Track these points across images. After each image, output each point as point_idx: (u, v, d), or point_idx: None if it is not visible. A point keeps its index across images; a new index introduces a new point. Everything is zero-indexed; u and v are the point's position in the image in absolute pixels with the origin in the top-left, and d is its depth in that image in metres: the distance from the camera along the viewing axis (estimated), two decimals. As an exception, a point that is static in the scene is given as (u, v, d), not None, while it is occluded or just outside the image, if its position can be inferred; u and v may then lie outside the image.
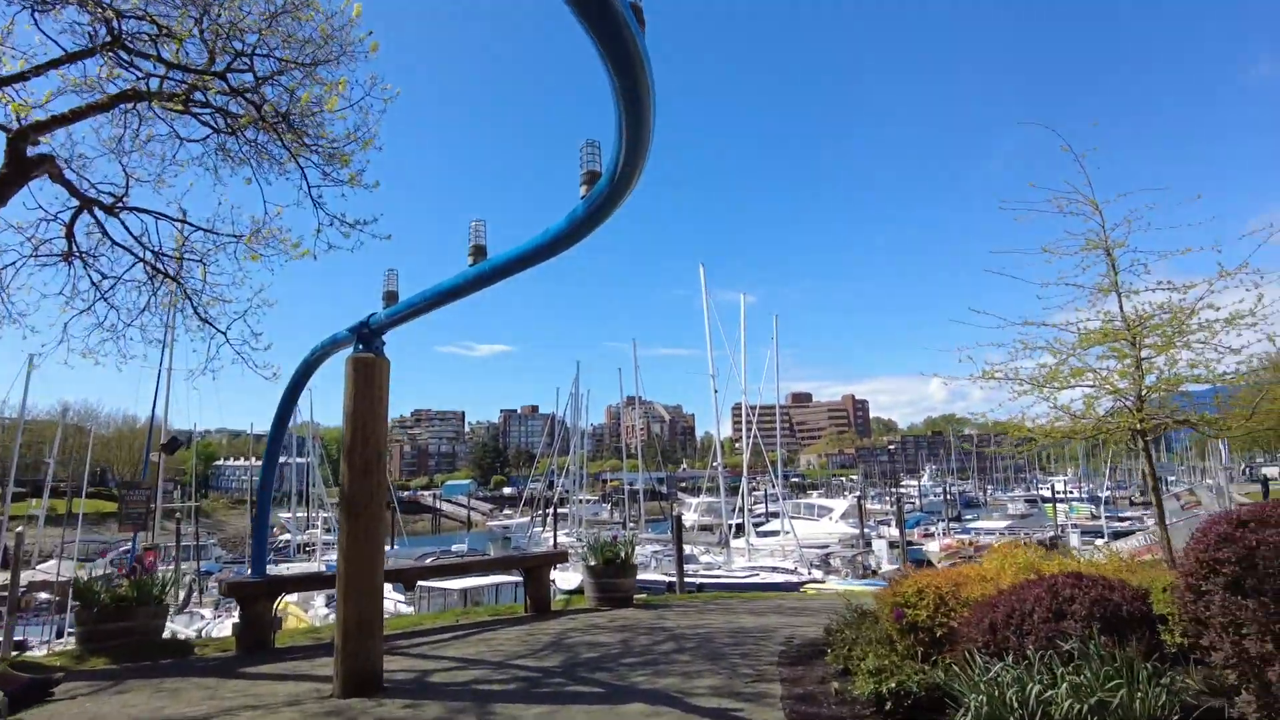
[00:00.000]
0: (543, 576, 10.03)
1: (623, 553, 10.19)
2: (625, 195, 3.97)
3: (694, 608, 9.96)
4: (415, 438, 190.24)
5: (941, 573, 6.67)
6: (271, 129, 9.30)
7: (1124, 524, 51.75)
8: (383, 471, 6.42)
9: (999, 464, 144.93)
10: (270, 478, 9.38)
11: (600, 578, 10.15)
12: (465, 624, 9.33)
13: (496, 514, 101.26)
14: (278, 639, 8.66)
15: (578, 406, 56.16)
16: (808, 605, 10.06)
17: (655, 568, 38.00)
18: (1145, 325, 7.04)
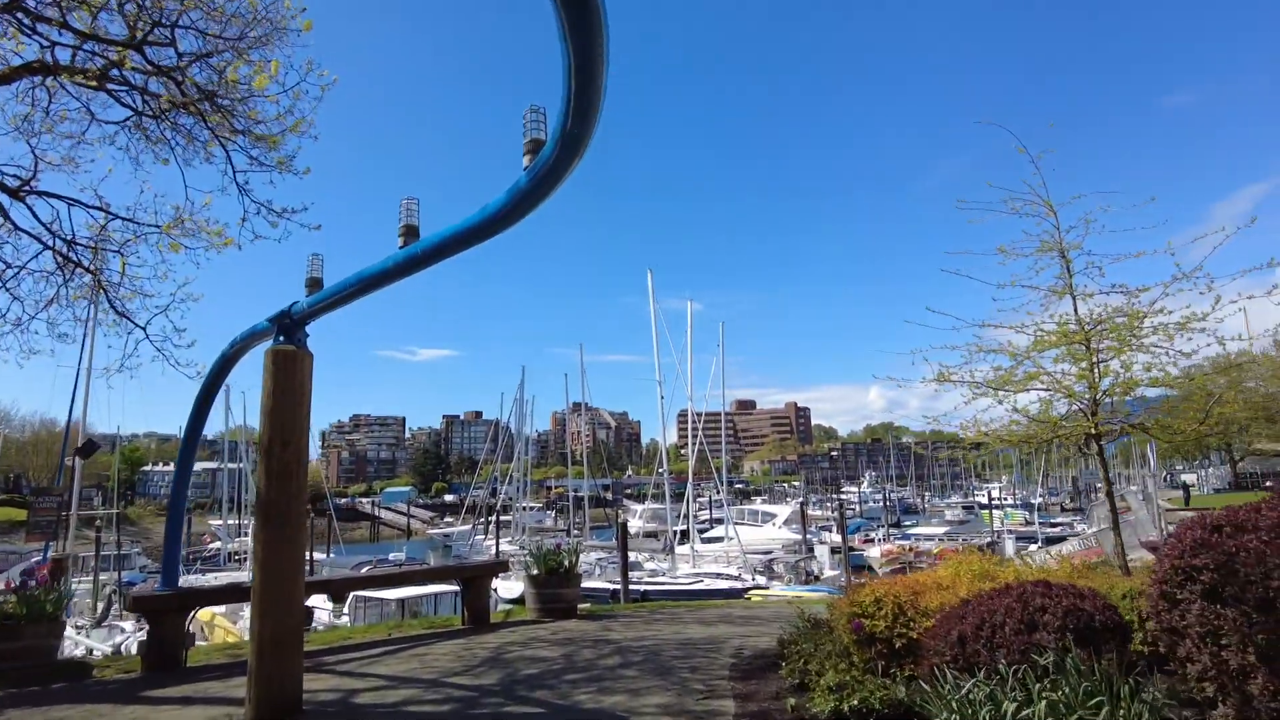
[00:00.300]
0: (482, 587, 9.56)
1: (566, 561, 9.73)
2: (573, 163, 3.58)
3: (640, 618, 9.58)
4: (354, 444, 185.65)
5: (899, 581, 6.44)
6: (195, 109, 8.66)
7: (1056, 529, 53.41)
8: (303, 475, 5.88)
9: (936, 471, 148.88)
10: (184, 484, 8.67)
11: (542, 588, 9.68)
12: (398, 638, 8.74)
13: (437, 522, 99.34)
14: (192, 657, 7.98)
15: (522, 412, 55.45)
16: (756, 614, 9.78)
17: (600, 575, 37.57)
18: (1099, 328, 6.99)
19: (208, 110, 8.59)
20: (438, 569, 9.81)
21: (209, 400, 7.93)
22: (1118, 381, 6.95)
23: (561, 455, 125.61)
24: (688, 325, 42.32)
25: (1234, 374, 7.94)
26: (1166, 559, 4.01)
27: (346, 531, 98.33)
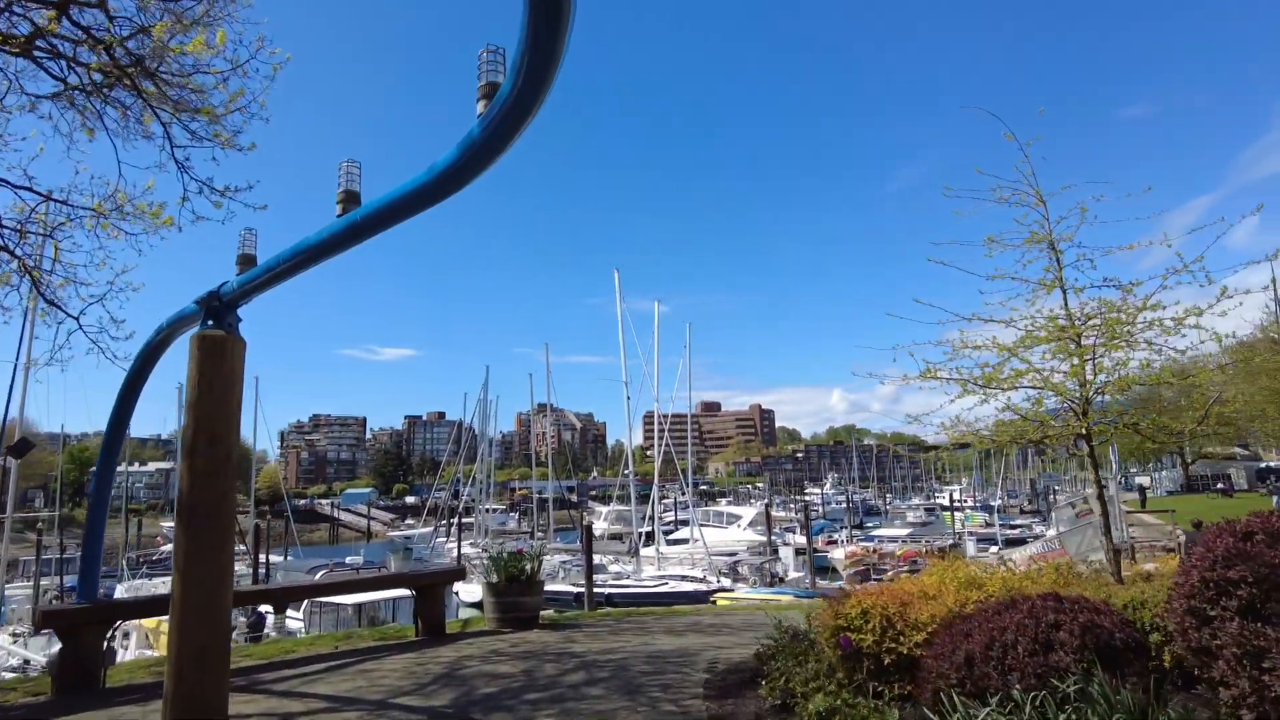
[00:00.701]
0: (437, 596, 8.91)
1: (528, 567, 9.08)
2: (534, 108, 3.04)
3: (606, 627, 9.08)
4: (313, 444, 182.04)
5: (884, 590, 6.02)
6: (126, 77, 7.94)
7: (1015, 531, 54.10)
8: (232, 474, 5.27)
9: (897, 473, 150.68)
10: (106, 486, 7.92)
11: (502, 596, 8.98)
12: (346, 651, 8.10)
13: (398, 524, 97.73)
14: (114, 675, 7.26)
15: (486, 413, 54.54)
16: (726, 622, 9.30)
17: (564, 578, 37.05)
18: (1090, 323, 6.67)
19: (139, 78, 7.89)
20: (389, 577, 9.09)
21: (133, 395, 7.23)
22: (1112, 379, 6.62)
23: (526, 456, 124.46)
24: (654, 326, 41.94)
25: (1229, 371, 7.66)
26: (1195, 570, 3.62)
27: (305, 533, 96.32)
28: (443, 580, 9.35)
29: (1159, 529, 24.60)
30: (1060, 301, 6.80)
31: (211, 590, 5.04)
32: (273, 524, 72.25)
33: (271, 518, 76.17)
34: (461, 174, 3.56)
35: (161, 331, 6.64)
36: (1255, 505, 32.22)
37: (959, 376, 6.92)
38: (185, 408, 5.22)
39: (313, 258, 4.81)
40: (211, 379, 5.22)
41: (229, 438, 5.27)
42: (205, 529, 5.07)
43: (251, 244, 5.49)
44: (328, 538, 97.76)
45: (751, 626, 8.48)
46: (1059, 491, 73.93)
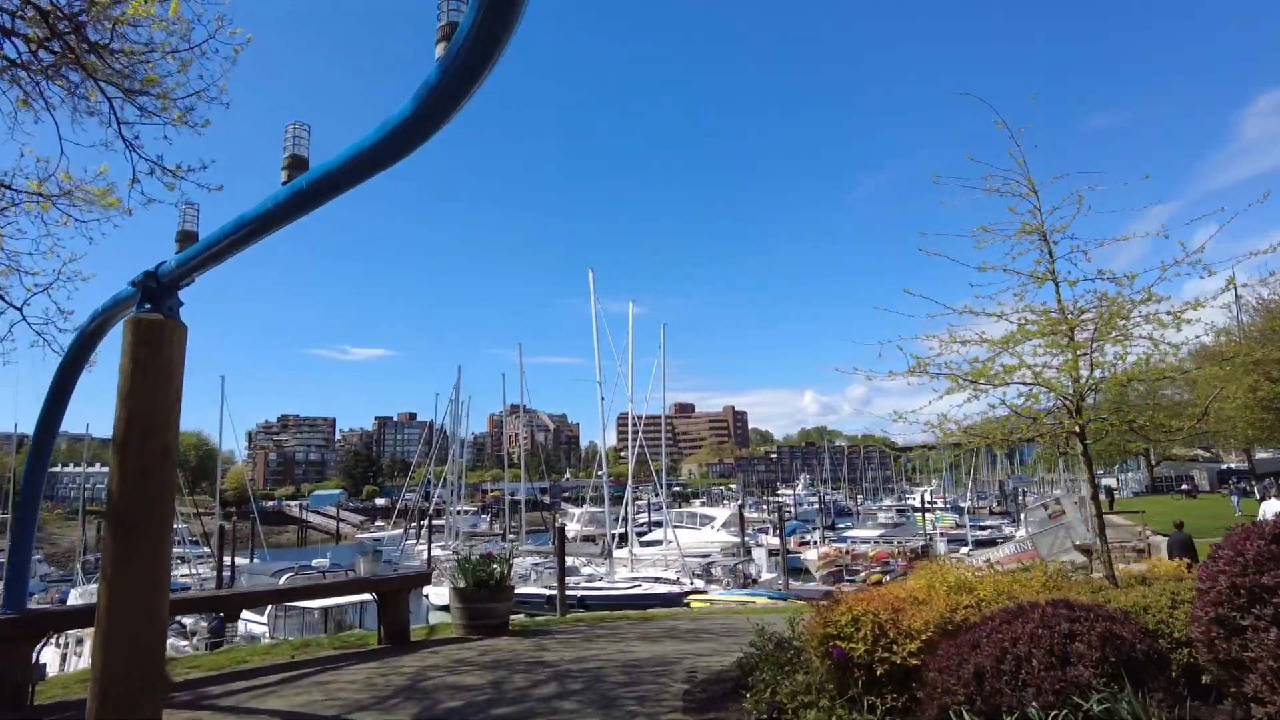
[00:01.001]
0: (401, 601, 8.36)
1: (497, 571, 8.59)
2: (500, 41, 2.63)
3: (579, 633, 8.69)
4: (282, 445, 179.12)
5: (874, 595, 5.70)
6: (70, 51, 7.39)
7: (985, 532, 54.44)
8: (169, 473, 4.79)
9: (868, 474, 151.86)
10: (36, 488, 7.32)
11: (470, 601, 8.48)
12: (303, 661, 7.62)
13: (368, 525, 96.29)
14: (44, 692, 6.72)
15: (458, 413, 53.80)
16: (704, 627, 8.96)
17: (536, 580, 36.57)
18: (1083, 317, 6.42)
19: (81, 48, 7.34)
20: (351, 581, 8.51)
21: (66, 388, 6.68)
22: (1108, 375, 6.37)
23: (498, 458, 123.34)
24: (629, 326, 41.60)
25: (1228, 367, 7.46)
26: (1222, 575, 3.33)
27: (273, 535, 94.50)
28: (408, 585, 8.73)
29: (1128, 530, 24.67)
30: (1053, 294, 6.56)
31: (142, 601, 4.57)
32: (239, 526, 70.76)
33: (238, 519, 74.65)
34: (418, 127, 3.13)
35: (97, 317, 6.13)
36: (1218, 506, 32.60)
37: (949, 372, 6.64)
38: (117, 398, 4.74)
39: (257, 230, 4.36)
40: (147, 367, 4.74)
41: (166, 433, 4.81)
42: (137, 533, 4.59)
43: (193, 220, 5.03)
44: (296, 540, 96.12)
45: (731, 632, 8.15)
46: (1028, 493, 74.70)
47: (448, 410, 54.45)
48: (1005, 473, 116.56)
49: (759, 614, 10.66)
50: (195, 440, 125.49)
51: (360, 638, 8.79)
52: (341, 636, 8.50)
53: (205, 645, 19.35)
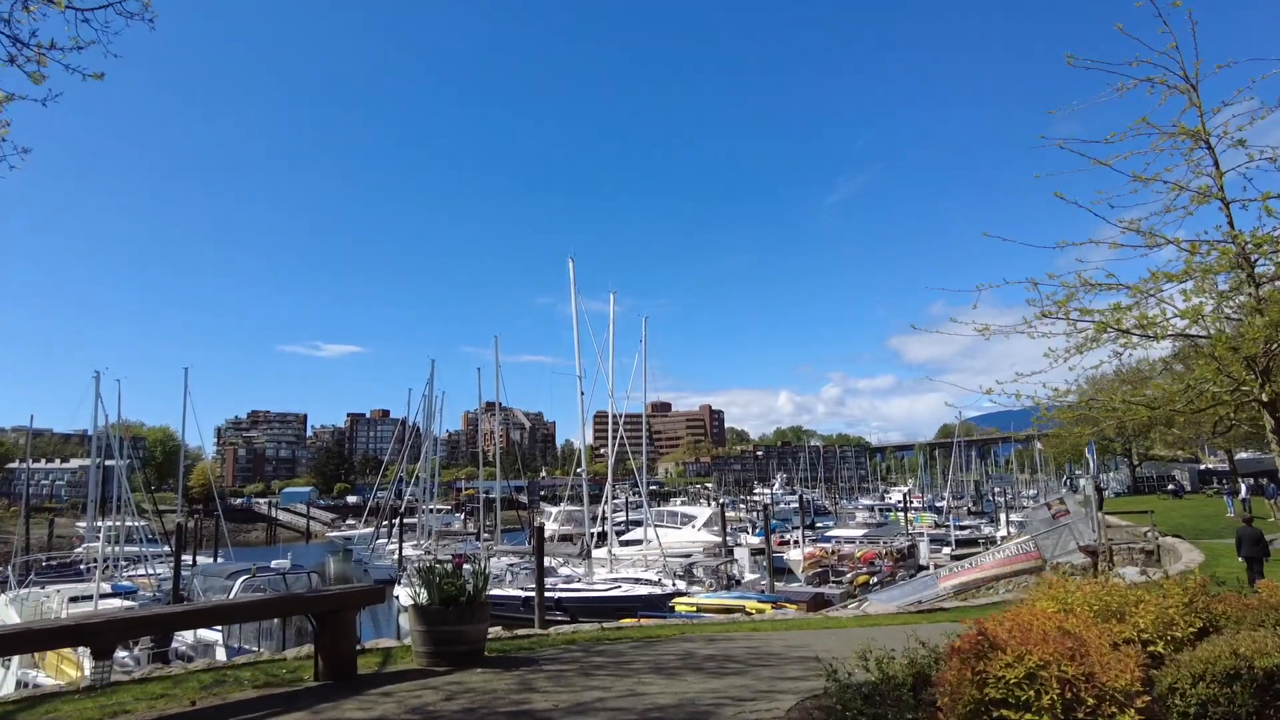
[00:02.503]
0: (344, 625, 6.30)
1: (469, 587, 6.76)
2: None
3: (573, 662, 6.88)
4: (251, 441, 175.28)
5: (1015, 619, 4.06)
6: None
7: (964, 532, 53.62)
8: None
9: (843, 474, 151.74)
10: None
11: (435, 623, 6.56)
12: (204, 711, 5.51)
13: (339, 524, 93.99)
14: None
15: (431, 408, 52.02)
16: (728, 652, 7.11)
17: (512, 582, 35.17)
18: (1267, 248, 4.89)
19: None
20: (274, 601, 6.30)
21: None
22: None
23: (473, 455, 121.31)
24: (610, 319, 40.16)
25: None
26: None
27: (241, 533, 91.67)
28: (352, 604, 6.54)
29: (1128, 530, 23.32)
30: (1218, 221, 5.05)
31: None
32: (205, 524, 67.99)
33: (204, 517, 71.85)
34: None
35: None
36: (1208, 506, 31.03)
37: (1093, 320, 5.05)
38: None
39: None
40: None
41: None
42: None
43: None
44: (265, 538, 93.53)
45: (762, 660, 6.51)
46: (1008, 494, 74.07)
47: (421, 405, 52.74)
48: (979, 473, 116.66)
49: (780, 631, 9.03)
50: (162, 435, 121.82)
51: (291, 671, 6.71)
52: (267, 668, 6.38)
53: (148, 658, 17.42)
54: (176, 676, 6.04)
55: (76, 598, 21.16)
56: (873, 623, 9.93)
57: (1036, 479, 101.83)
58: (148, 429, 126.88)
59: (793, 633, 8.83)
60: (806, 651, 7.09)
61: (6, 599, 22.18)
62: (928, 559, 41.74)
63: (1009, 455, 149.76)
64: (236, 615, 6.04)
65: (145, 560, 38.53)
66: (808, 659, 6.71)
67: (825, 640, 7.85)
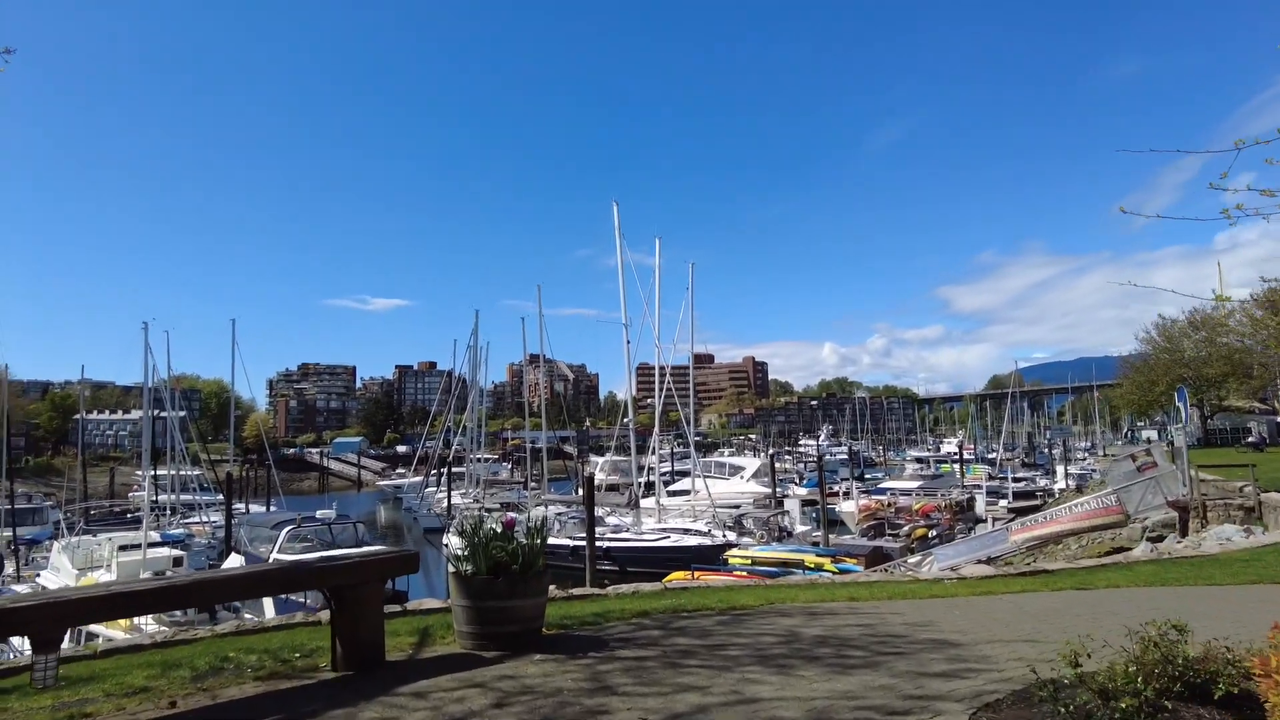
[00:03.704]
0: (367, 601, 4.86)
1: (523, 551, 5.25)
2: None
3: (651, 645, 5.45)
4: (302, 393, 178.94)
5: None
6: None
7: (1020, 484, 51.71)
8: None
9: (890, 426, 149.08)
10: None
11: (481, 598, 5.16)
12: (187, 713, 4.14)
13: (389, 473, 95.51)
14: None
15: (476, 359, 51.45)
16: (841, 634, 5.20)
17: (560, 531, 34.69)
18: None
19: None
20: (274, 573, 5.13)
21: None
22: None
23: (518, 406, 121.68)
24: (655, 266, 38.69)
25: None
26: None
27: (294, 483, 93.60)
28: (376, 574, 5.02)
29: (1217, 485, 21.22)
30: None
31: None
32: (258, 473, 69.11)
33: (256, 467, 73.15)
34: None
35: None
36: None
37: None
38: None
39: None
40: None
41: None
42: None
43: None
44: (317, 487, 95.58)
45: (887, 644, 5.10)
46: (1065, 446, 71.33)
47: (466, 356, 52.30)
48: (1031, 425, 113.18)
49: (880, 600, 7.61)
50: (216, 388, 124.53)
51: (308, 655, 5.30)
52: (280, 651, 4.91)
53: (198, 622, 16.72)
54: (167, 661, 4.90)
55: (126, 546, 20.75)
56: (983, 589, 8.42)
57: (1090, 430, 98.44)
58: (203, 381, 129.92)
59: (898, 603, 7.43)
60: (934, 632, 5.56)
61: (59, 546, 21.95)
62: (984, 512, 40.09)
63: (1060, 407, 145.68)
64: (224, 592, 4.62)
65: (200, 508, 38.88)
66: (941, 643, 5.26)
67: (946, 614, 6.42)
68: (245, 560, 20.69)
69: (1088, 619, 6.28)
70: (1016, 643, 5.39)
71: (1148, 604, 6.79)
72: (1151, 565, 10.97)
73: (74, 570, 19.71)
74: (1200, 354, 52.96)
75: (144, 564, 19.55)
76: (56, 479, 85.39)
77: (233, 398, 52.54)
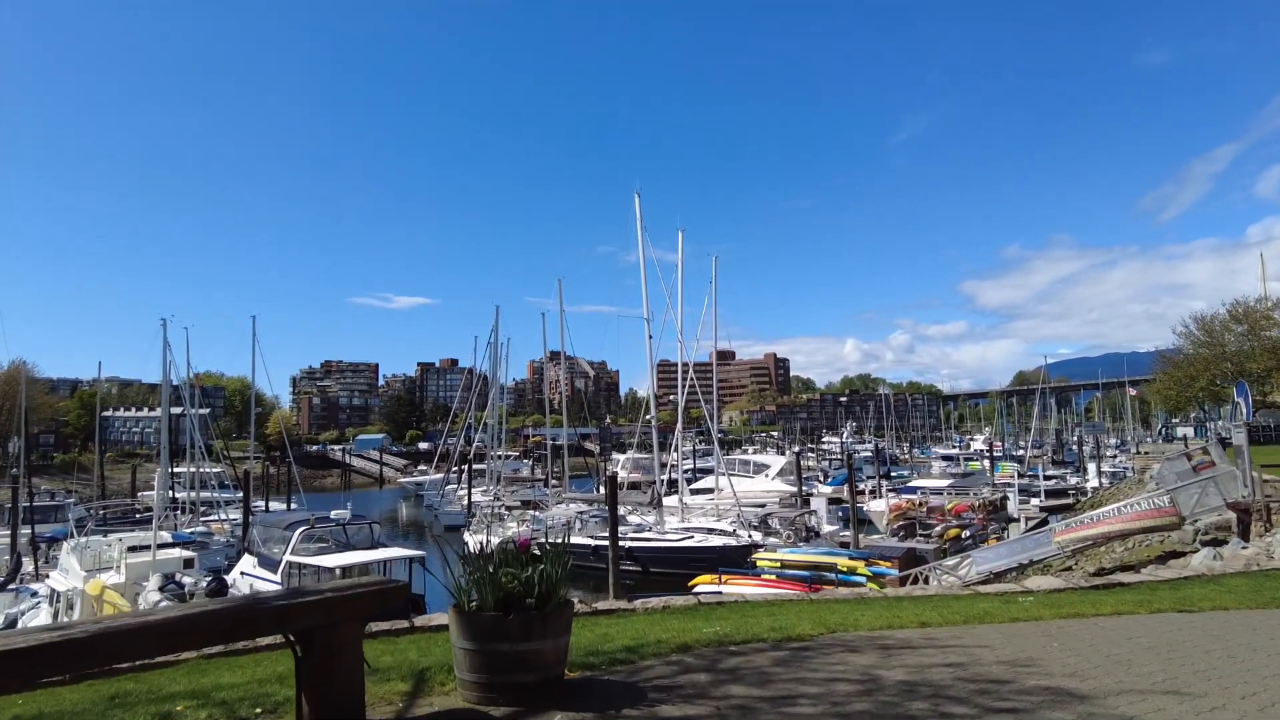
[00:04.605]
0: (339, 649, 3.62)
1: (541, 578, 4.08)
2: None
3: (698, 696, 4.20)
4: (325, 390, 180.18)
5: None
6: None
7: (1051, 482, 50.34)
8: None
9: (915, 423, 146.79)
10: None
11: (489, 639, 3.96)
12: None
13: (411, 470, 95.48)
14: None
15: (497, 355, 50.80)
16: (929, 676, 4.54)
17: (581, 530, 33.93)
18: None
19: None
20: (219, 614, 3.34)
21: None
22: None
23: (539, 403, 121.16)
24: (678, 258, 37.83)
25: None
26: None
27: (316, 480, 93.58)
28: (352, 612, 3.79)
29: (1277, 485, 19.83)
30: None
31: None
32: (281, 470, 69.05)
33: (279, 464, 73.11)
34: None
35: None
36: None
37: None
38: None
39: None
40: None
41: None
42: None
43: None
44: (340, 484, 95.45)
45: (993, 695, 4.02)
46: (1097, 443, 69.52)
47: (486, 352, 51.68)
48: (1059, 422, 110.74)
49: (956, 625, 6.52)
50: (241, 385, 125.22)
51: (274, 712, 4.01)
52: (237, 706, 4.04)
53: None
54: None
55: (136, 547, 20.03)
56: (1068, 609, 7.26)
57: (1119, 427, 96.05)
58: (227, 379, 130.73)
59: (979, 629, 6.35)
60: (1043, 676, 4.45)
61: (69, 547, 21.34)
62: (1016, 511, 38.72)
63: (1088, 403, 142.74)
64: (141, 645, 3.23)
65: (219, 506, 38.42)
66: (1061, 694, 4.22)
67: (1045, 648, 5.39)
68: (259, 561, 19.84)
69: (1221, 656, 5.21)
70: (1156, 695, 4.25)
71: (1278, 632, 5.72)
72: (1241, 578, 9.84)
73: (82, 572, 19.03)
74: (1243, 348, 51.04)
75: (153, 565, 18.85)
76: (84, 475, 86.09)
77: (253, 394, 52.26)
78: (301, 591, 3.26)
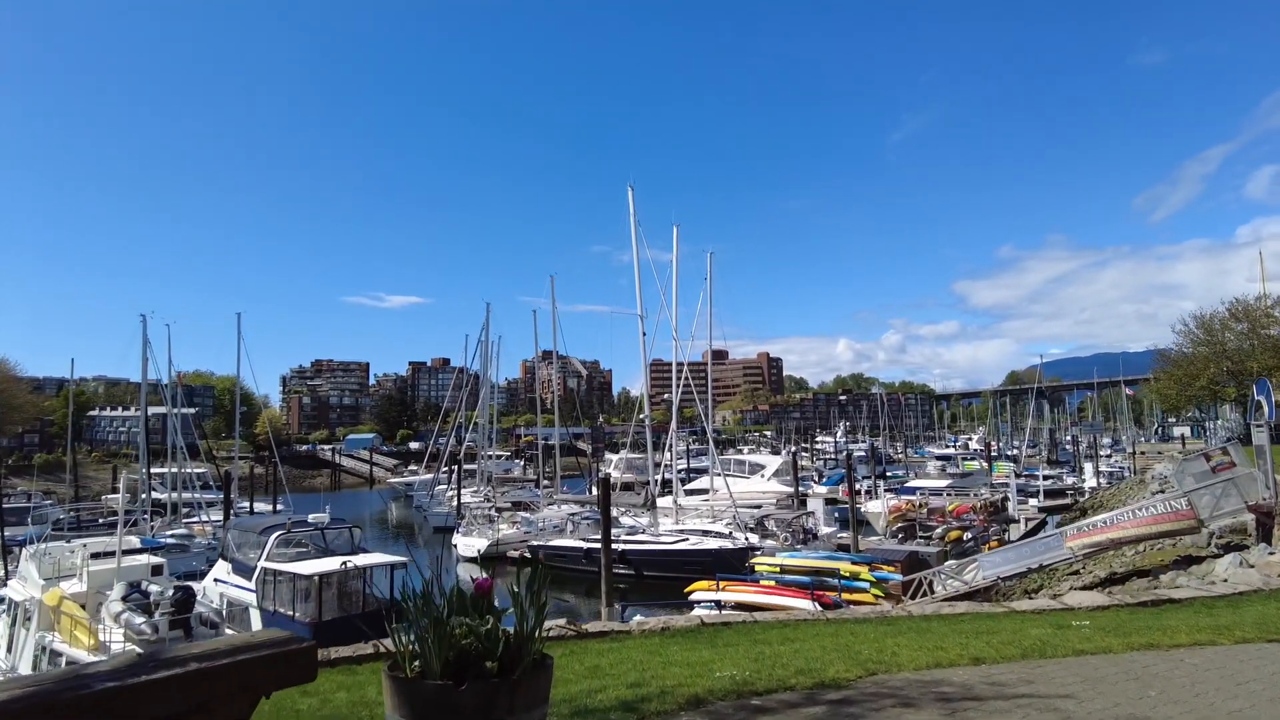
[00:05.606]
0: None
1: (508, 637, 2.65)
2: None
3: None
4: (315, 389, 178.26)
5: None
6: None
7: (1049, 482, 49.56)
8: None
9: (908, 423, 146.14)
10: None
11: (444, 713, 2.51)
12: None
13: (402, 470, 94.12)
14: None
15: (488, 353, 49.52)
16: None
17: (573, 532, 32.74)
18: None
19: None
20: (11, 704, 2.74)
21: None
22: None
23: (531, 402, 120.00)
24: (673, 254, 36.66)
25: None
26: None
27: (306, 480, 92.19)
28: (240, 685, 2.08)
29: None
30: None
31: None
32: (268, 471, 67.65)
33: (267, 464, 71.67)
34: None
35: None
36: None
37: None
38: None
39: None
40: None
41: None
42: None
43: None
44: (329, 484, 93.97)
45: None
46: (1093, 442, 68.65)
47: (477, 350, 50.39)
48: (1052, 421, 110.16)
49: (1016, 661, 5.42)
50: (230, 384, 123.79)
51: None
52: None
53: (168, 625, 14.71)
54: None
55: (100, 553, 18.75)
56: (1138, 639, 6.21)
57: (1112, 427, 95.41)
58: (217, 378, 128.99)
59: (1046, 665, 5.36)
60: None
61: (28, 553, 20.00)
62: (1015, 511, 37.83)
63: (1080, 403, 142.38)
64: None
65: (201, 507, 37.16)
66: None
67: (1140, 699, 4.39)
68: (233, 568, 18.61)
69: None
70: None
71: None
72: (1301, 592, 8.79)
73: (40, 580, 17.73)
74: (1243, 346, 50.25)
75: (118, 573, 17.58)
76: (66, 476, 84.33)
77: (238, 392, 50.77)
78: (154, 660, 2.06)
